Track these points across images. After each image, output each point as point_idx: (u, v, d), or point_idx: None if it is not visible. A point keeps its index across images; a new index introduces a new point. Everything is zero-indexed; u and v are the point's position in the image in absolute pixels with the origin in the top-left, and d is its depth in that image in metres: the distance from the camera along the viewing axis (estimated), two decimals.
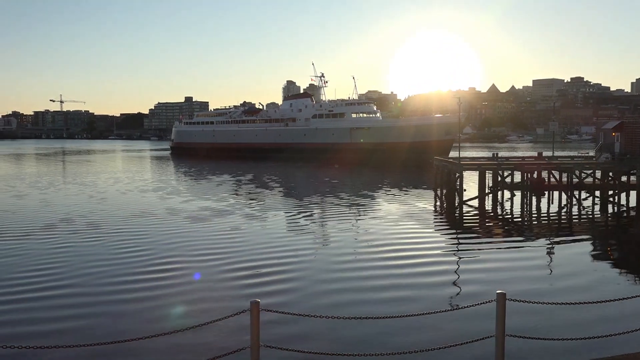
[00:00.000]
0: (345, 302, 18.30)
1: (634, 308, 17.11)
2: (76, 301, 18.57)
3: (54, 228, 31.70)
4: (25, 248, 26.23)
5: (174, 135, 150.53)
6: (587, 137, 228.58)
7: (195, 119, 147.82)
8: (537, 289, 19.67)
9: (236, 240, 28.50)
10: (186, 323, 14.66)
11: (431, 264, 23.60)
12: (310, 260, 24.31)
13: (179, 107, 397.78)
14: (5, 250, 25.82)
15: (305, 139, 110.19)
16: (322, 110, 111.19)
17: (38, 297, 18.87)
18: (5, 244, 27.07)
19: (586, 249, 28.35)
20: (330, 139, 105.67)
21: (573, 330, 15.42)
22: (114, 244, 27.56)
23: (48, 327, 16.08)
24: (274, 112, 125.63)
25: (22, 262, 23.56)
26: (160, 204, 43.10)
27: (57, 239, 28.34)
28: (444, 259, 24.66)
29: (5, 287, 19.91)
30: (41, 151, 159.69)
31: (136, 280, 21.03)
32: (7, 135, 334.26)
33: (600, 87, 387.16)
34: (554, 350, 14.03)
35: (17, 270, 22.25)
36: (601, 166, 43.17)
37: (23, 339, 14.72)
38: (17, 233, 30.11)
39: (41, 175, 72.55)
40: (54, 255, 24.71)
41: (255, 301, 8.77)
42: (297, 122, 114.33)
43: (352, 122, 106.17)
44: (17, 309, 17.70)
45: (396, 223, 33.85)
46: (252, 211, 38.97)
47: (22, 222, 34.07)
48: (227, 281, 20.93)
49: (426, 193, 51.44)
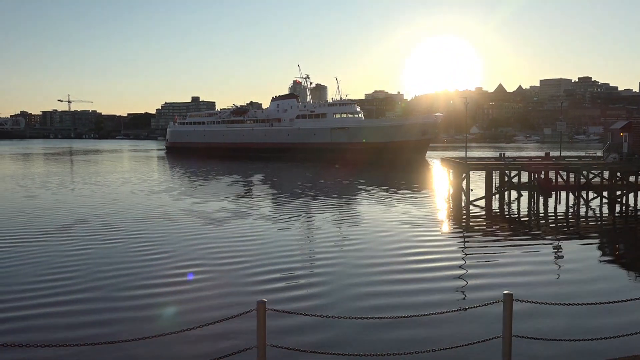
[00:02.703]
0: (351, 302, 18.28)
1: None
2: (95, 306, 18.65)
3: (70, 229, 31.39)
4: (43, 251, 25.66)
5: (168, 135, 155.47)
6: (595, 137, 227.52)
7: (188, 119, 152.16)
8: (545, 290, 19.59)
9: (249, 242, 28.54)
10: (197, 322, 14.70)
11: (438, 264, 23.54)
12: (313, 260, 24.30)
13: (186, 107, 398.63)
14: (24, 253, 25.22)
15: (288, 139, 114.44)
16: (305, 111, 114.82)
17: (60, 301, 18.64)
18: (23, 247, 26.48)
19: (594, 249, 28.20)
20: (312, 139, 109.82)
21: (580, 331, 15.33)
22: (132, 245, 27.69)
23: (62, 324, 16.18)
24: (261, 113, 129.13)
25: (41, 266, 22.95)
26: (172, 204, 43.21)
27: (74, 242, 27.95)
28: (451, 259, 24.57)
29: (25, 291, 19.51)
30: (49, 151, 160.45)
31: (156, 283, 20.88)
32: (15, 135, 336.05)
33: (608, 87, 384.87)
34: (561, 352, 13.97)
35: (37, 274, 21.76)
36: (609, 166, 42.92)
37: (43, 345, 14.42)
38: (34, 235, 29.61)
39: (50, 175, 72.87)
40: (72, 258, 24.34)
41: (261, 301, 8.79)
42: (282, 122, 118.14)
43: (332, 123, 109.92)
44: (37, 314, 17.49)
45: (402, 223, 33.77)
46: (250, 211, 39.03)
47: (37, 223, 33.67)
48: (240, 284, 20.94)
49: (427, 193, 51.33)
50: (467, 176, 42.74)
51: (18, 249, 26.19)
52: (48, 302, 18.37)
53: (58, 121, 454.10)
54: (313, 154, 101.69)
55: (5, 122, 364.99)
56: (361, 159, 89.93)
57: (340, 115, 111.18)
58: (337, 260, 24.17)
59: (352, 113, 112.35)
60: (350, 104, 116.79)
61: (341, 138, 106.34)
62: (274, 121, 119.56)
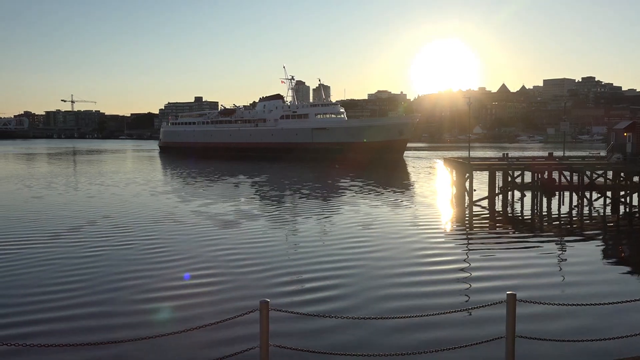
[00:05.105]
0: (354, 303, 18.26)
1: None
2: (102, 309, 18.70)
3: (79, 230, 31.19)
4: (55, 253, 25.34)
5: (161, 135, 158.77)
6: (599, 137, 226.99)
7: (180, 119, 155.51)
8: (548, 290, 19.55)
9: (251, 243, 28.58)
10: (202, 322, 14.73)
11: (440, 264, 23.51)
12: (316, 260, 24.29)
13: (188, 106, 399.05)
14: (34, 256, 24.82)
15: (272, 139, 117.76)
16: (289, 112, 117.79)
17: (75, 304, 18.59)
18: (33, 249, 26.14)
19: (597, 250, 28.13)
20: (294, 139, 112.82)
21: (584, 332, 15.28)
22: (132, 245, 27.76)
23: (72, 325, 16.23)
24: (248, 113, 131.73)
25: (54, 269, 22.55)
26: (176, 205, 43.30)
27: (84, 244, 27.59)
28: (453, 259, 24.54)
29: (39, 294, 19.29)
30: (53, 151, 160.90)
31: (161, 285, 20.86)
32: (19, 135, 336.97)
33: (611, 87, 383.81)
34: (564, 352, 13.94)
35: (50, 277, 21.45)
36: (613, 166, 42.78)
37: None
38: (44, 237, 29.31)
39: (55, 175, 73.02)
40: (83, 260, 24.12)
41: (264, 301, 8.80)
42: (267, 122, 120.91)
43: (313, 123, 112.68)
44: (53, 318, 17.44)
45: (404, 224, 33.78)
46: (250, 211, 39.07)
47: (46, 224, 33.38)
48: (246, 285, 20.97)
49: (428, 193, 51.28)
50: (470, 176, 42.67)
51: (30, 251, 26.09)
52: (62, 305, 18.40)
53: (61, 121, 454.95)
54: (295, 153, 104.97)
55: (9, 122, 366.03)
56: (340, 159, 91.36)
57: (322, 115, 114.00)
58: (340, 260, 24.15)
59: (334, 113, 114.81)
60: (332, 104, 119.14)
61: (322, 138, 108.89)
62: (259, 121, 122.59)
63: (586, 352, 13.85)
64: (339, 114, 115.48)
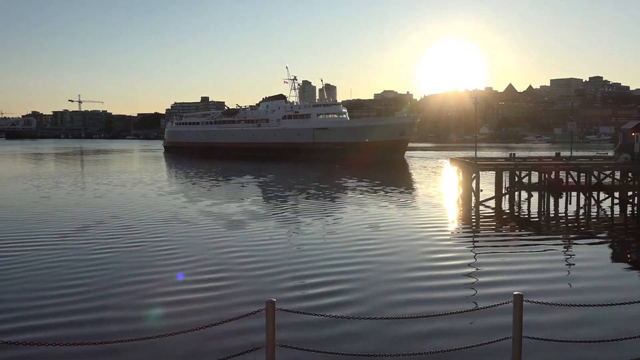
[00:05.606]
0: (360, 302, 18.25)
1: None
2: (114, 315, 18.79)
3: (87, 231, 31.19)
4: (63, 254, 25.30)
5: (166, 135, 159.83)
6: (606, 137, 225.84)
7: (184, 119, 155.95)
8: (555, 291, 19.47)
9: (253, 243, 28.64)
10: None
11: (447, 264, 23.47)
12: (323, 261, 24.30)
13: (195, 107, 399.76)
14: (43, 256, 24.84)
15: (274, 139, 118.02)
16: (291, 112, 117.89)
17: (86, 308, 18.67)
18: (42, 250, 26.14)
19: (605, 250, 28.00)
20: (296, 139, 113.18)
21: (591, 332, 15.22)
22: (134, 245, 27.87)
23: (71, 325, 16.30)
24: (251, 113, 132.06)
25: (62, 270, 22.53)
26: (183, 205, 43.44)
27: (93, 244, 27.59)
28: (460, 259, 24.47)
29: (49, 296, 19.33)
30: (60, 151, 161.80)
31: (181, 290, 21.07)
32: (27, 135, 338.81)
33: (619, 87, 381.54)
34: (571, 353, 13.88)
35: (58, 278, 21.48)
36: (620, 167, 42.57)
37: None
38: (53, 237, 29.35)
39: (63, 175, 73.41)
40: (91, 261, 24.09)
41: (270, 300, 8.83)
42: (270, 122, 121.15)
43: (315, 123, 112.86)
44: (63, 323, 17.64)
45: (411, 224, 33.75)
46: (252, 212, 39.12)
47: (55, 225, 33.42)
48: (254, 284, 21.02)
49: (435, 193, 51.19)
50: (477, 176, 42.56)
51: (38, 252, 26.15)
52: (71, 305, 18.50)
53: (69, 121, 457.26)
54: (298, 153, 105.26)
55: (17, 122, 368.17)
56: (342, 159, 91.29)
57: (324, 115, 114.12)
58: (347, 261, 24.14)
59: (336, 114, 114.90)
60: (334, 104, 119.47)
61: (323, 138, 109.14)
62: (262, 121, 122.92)
63: (594, 353, 13.80)
64: (341, 114, 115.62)
